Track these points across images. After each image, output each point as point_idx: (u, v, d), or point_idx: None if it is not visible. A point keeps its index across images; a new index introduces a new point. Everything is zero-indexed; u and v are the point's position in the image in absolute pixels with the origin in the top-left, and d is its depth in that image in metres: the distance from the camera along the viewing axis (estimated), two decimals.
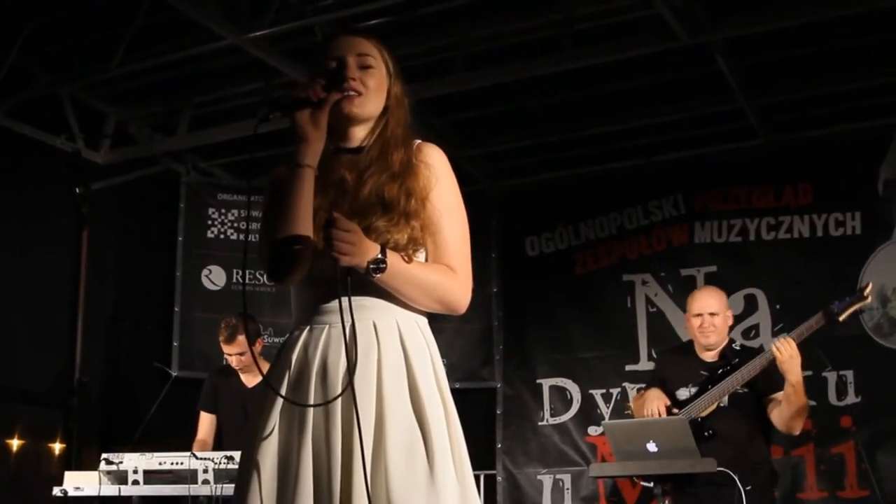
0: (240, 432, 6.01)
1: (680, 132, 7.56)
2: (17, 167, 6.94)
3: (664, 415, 5.28)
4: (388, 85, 2.62)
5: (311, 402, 2.41)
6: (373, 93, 2.57)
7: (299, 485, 2.34)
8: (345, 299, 2.38)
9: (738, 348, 5.47)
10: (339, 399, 2.37)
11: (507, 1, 6.11)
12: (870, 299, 5.19)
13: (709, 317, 5.42)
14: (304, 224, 2.42)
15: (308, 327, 2.50)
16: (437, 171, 2.56)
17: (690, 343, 5.58)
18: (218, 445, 6.23)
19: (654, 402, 5.36)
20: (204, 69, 6.81)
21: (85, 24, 6.24)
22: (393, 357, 2.44)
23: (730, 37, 6.10)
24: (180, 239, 7.99)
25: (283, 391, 2.46)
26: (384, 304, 2.48)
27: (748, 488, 4.92)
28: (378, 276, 2.40)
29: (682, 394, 5.39)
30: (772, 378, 5.13)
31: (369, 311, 2.46)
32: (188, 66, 6.71)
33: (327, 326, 2.47)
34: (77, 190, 6.44)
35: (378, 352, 2.43)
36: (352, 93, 2.53)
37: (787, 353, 5.00)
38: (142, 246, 7.97)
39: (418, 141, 2.63)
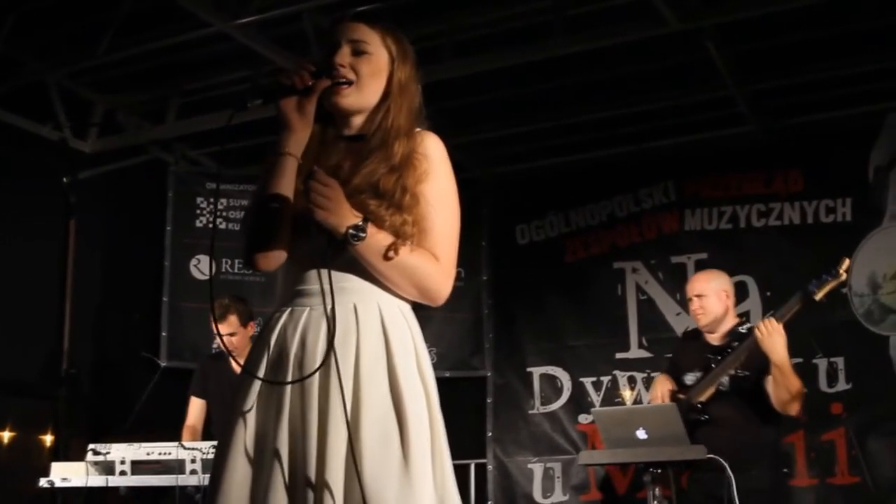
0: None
1: (670, 119, 7.53)
2: (4, 156, 6.87)
3: (668, 400, 5.32)
4: (390, 70, 2.58)
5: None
6: (365, 79, 2.54)
7: (274, 467, 2.34)
8: (325, 271, 2.39)
9: (744, 331, 5.38)
10: (316, 383, 2.36)
11: None
12: (844, 276, 5.16)
13: (696, 299, 5.50)
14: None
15: (289, 309, 2.49)
16: (432, 162, 2.52)
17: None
18: (207, 431, 6.19)
19: (659, 388, 5.46)
20: (192, 56, 6.77)
21: (71, 10, 6.19)
22: (373, 341, 2.41)
23: (720, 23, 6.07)
24: (168, 228, 7.95)
25: (262, 373, 2.45)
26: (366, 286, 2.46)
27: (748, 472, 4.93)
28: (356, 244, 2.37)
29: (689, 378, 5.42)
30: (765, 360, 5.10)
31: (350, 294, 2.44)
32: (176, 53, 6.66)
33: (308, 309, 2.46)
34: (64, 179, 6.39)
35: (357, 336, 2.41)
36: (342, 80, 2.51)
37: (765, 331, 5.01)
38: (130, 235, 7.91)
39: (418, 129, 2.59)
